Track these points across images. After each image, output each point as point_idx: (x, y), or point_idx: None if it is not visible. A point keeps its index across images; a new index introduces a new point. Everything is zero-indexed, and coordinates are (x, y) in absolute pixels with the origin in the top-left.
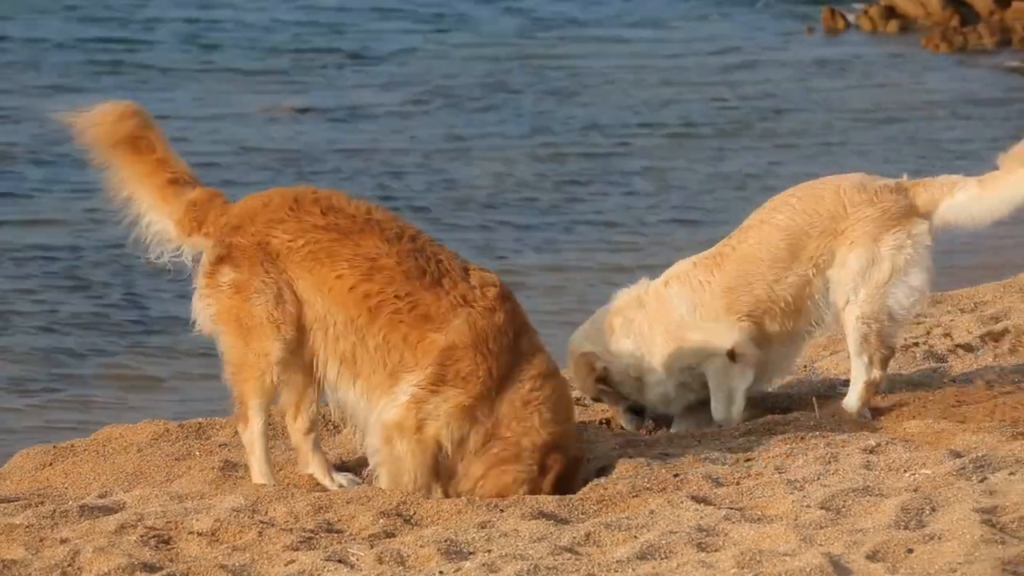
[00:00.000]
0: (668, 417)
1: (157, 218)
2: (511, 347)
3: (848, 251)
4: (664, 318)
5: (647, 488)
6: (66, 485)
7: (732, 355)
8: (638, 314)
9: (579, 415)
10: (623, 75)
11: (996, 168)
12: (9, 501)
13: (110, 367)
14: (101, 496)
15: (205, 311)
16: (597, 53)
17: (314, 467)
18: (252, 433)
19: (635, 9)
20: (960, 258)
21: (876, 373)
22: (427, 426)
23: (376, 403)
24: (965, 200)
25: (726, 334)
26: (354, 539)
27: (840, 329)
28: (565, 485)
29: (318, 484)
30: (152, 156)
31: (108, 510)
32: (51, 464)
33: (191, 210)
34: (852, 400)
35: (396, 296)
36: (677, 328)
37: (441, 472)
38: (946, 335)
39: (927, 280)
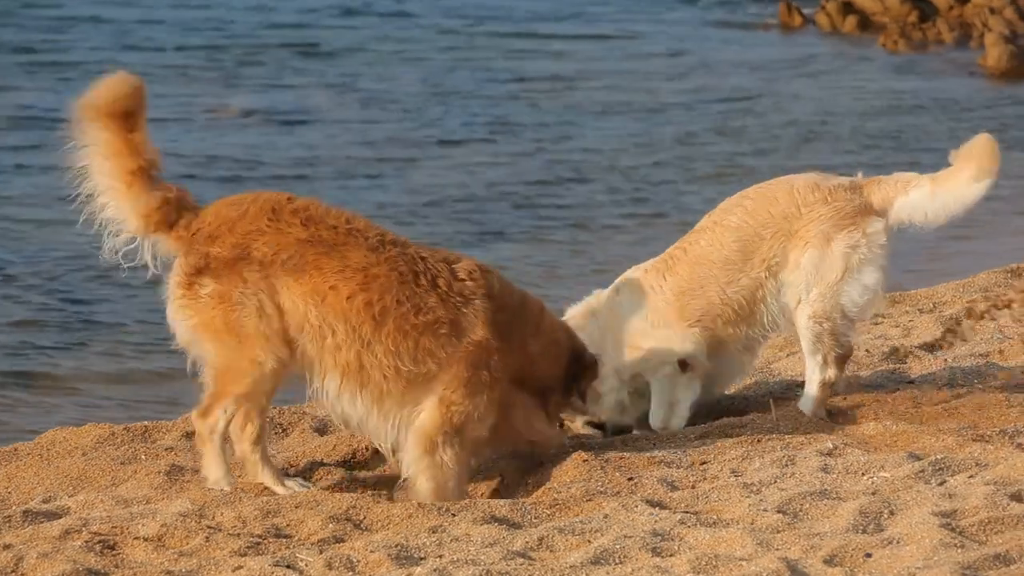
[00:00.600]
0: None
1: (118, 204)
2: (518, 313)
3: (801, 252)
4: (615, 326)
5: (601, 492)
6: (9, 490)
7: (683, 365)
8: (589, 323)
9: None
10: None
11: (949, 165)
12: None
13: (43, 367)
14: (45, 501)
15: (185, 322)
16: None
17: (265, 476)
18: (210, 426)
19: (576, 8)
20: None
21: (831, 373)
22: (467, 428)
23: (391, 411)
24: (919, 198)
25: (678, 343)
26: (303, 544)
27: (794, 330)
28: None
29: (267, 489)
30: (132, 137)
31: (52, 515)
32: None
33: (161, 208)
34: (808, 401)
35: (398, 302)
36: (628, 335)
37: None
38: (905, 336)
39: (881, 279)
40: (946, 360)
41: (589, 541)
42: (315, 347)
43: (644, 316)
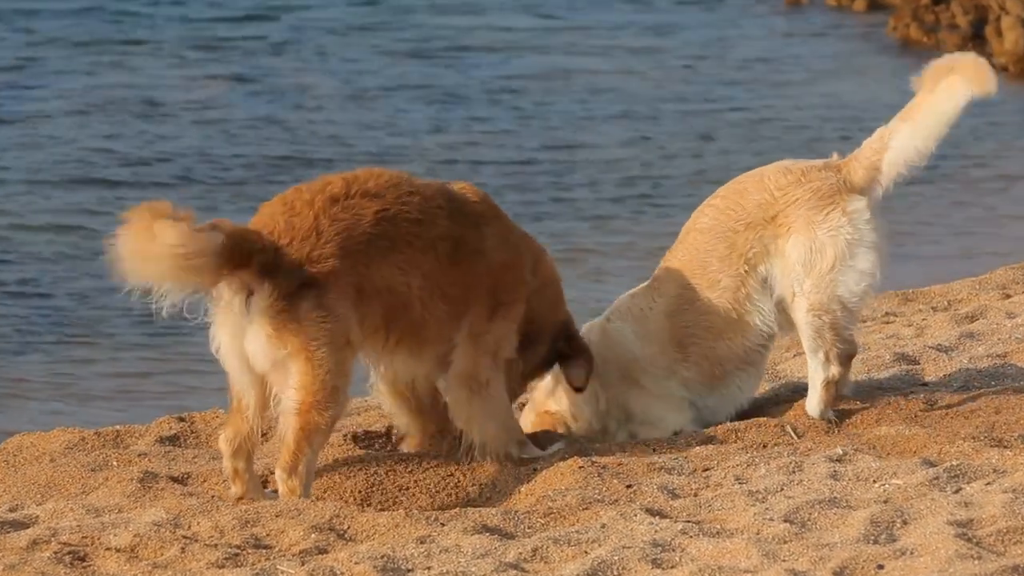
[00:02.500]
0: None
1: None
2: (524, 240)
3: (784, 240)
4: (617, 356)
5: (598, 500)
6: None
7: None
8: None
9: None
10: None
11: (912, 97)
12: None
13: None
14: (11, 510)
15: (280, 350)
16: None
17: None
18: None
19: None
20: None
21: (834, 370)
22: (500, 354)
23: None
24: (902, 142)
25: (672, 416)
26: (284, 555)
27: (791, 328)
28: None
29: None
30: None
31: (19, 525)
32: None
33: (222, 255)
34: (813, 402)
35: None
36: (625, 366)
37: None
38: (918, 335)
39: (876, 260)
40: (962, 361)
41: (586, 552)
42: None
43: (639, 344)
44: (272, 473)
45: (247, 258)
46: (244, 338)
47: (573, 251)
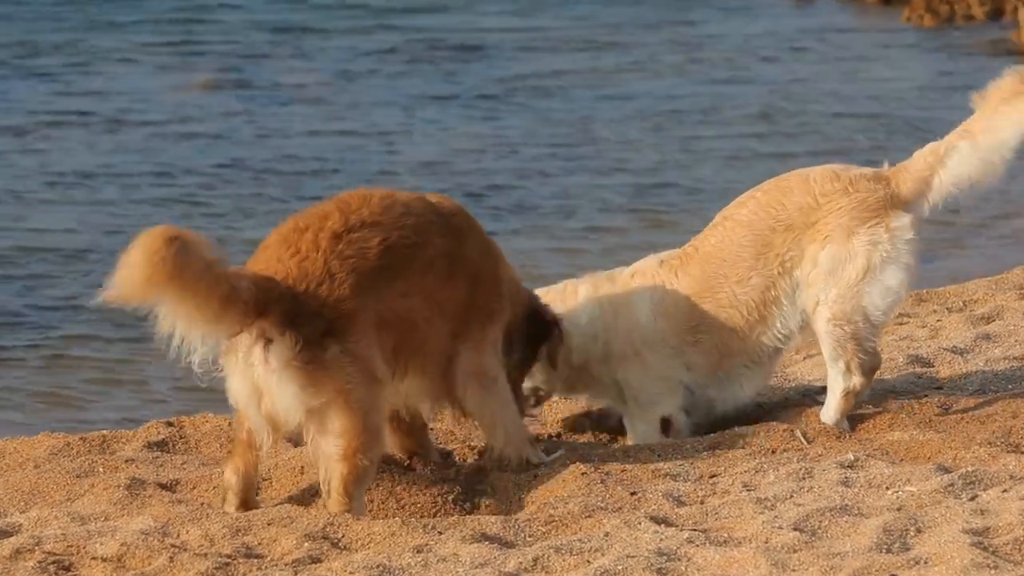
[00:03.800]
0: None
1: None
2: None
3: (819, 248)
4: (626, 323)
5: (601, 507)
6: None
7: (665, 423)
8: (599, 304)
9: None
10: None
11: (973, 113)
12: None
13: None
14: None
15: (315, 398)
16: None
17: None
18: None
19: None
20: (948, 253)
21: (856, 381)
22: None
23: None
24: (960, 161)
25: (666, 400)
26: (276, 565)
27: (812, 335)
28: None
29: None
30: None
31: (2, 533)
32: None
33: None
34: (830, 411)
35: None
36: (631, 335)
37: None
38: (933, 337)
39: (905, 279)
40: (978, 363)
41: (588, 561)
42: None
43: (653, 318)
44: (264, 480)
45: (268, 307)
46: (269, 389)
47: None
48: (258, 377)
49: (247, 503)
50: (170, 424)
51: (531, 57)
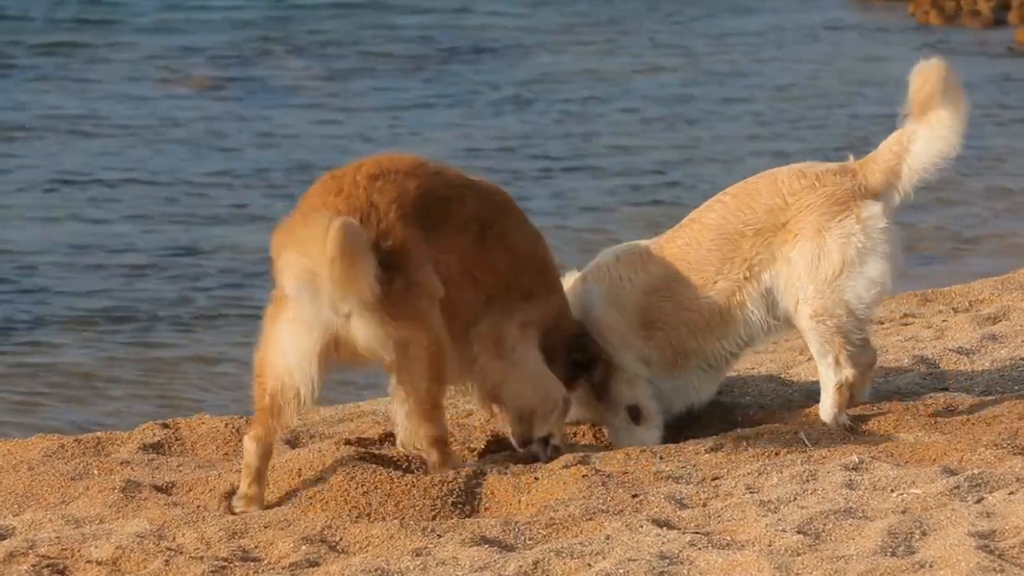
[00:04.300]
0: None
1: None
2: None
3: (792, 247)
4: (582, 308)
5: (602, 510)
6: None
7: (633, 411)
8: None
9: None
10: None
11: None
12: None
13: None
14: None
15: (396, 332)
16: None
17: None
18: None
19: None
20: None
21: (847, 373)
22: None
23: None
24: (922, 146)
25: (627, 390)
26: (272, 569)
27: (791, 336)
28: None
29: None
30: None
31: None
32: None
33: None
34: (826, 407)
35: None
36: (592, 331)
37: None
38: (938, 337)
39: (887, 269)
40: (983, 364)
41: (589, 565)
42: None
43: (603, 309)
44: None
45: None
46: (348, 334)
47: None
48: (330, 323)
49: (261, 474)
50: (166, 426)
51: (531, 57)
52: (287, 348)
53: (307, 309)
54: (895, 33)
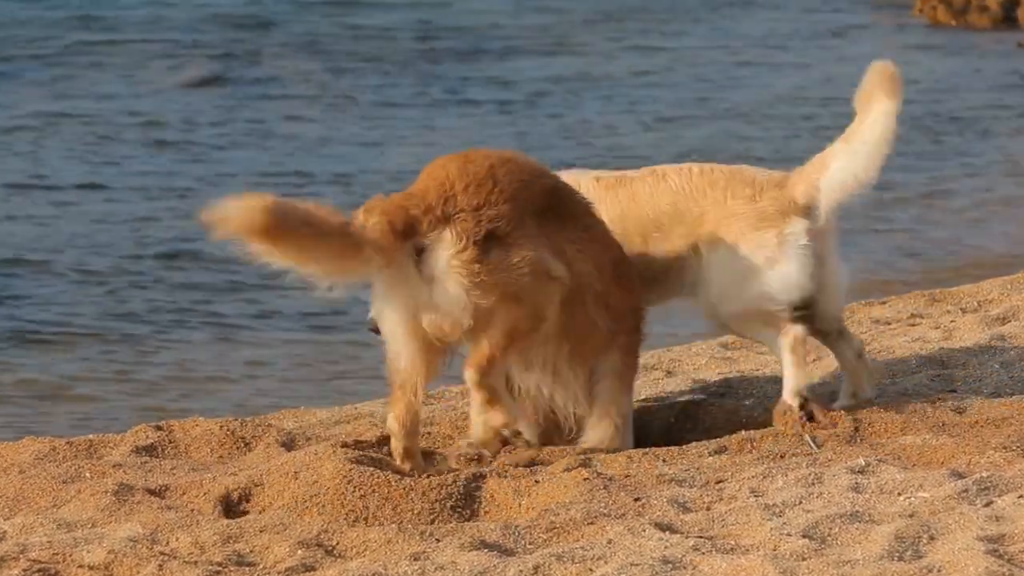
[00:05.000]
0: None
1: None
2: None
3: (711, 250)
4: None
5: (604, 514)
6: None
7: None
8: None
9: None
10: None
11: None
12: None
13: None
14: None
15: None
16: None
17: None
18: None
19: None
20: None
21: (795, 329)
22: None
23: None
24: (841, 167)
25: None
26: (268, 573)
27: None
28: None
29: (228, 512)
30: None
31: None
32: None
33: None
34: (789, 381)
35: None
36: None
37: None
38: (946, 338)
39: (797, 283)
40: (992, 365)
41: (591, 569)
42: None
43: None
44: (255, 485)
45: (411, 225)
46: (432, 299)
47: None
48: (413, 290)
49: (410, 451)
50: (159, 428)
51: (530, 56)
52: (390, 324)
53: (384, 281)
54: (903, 30)
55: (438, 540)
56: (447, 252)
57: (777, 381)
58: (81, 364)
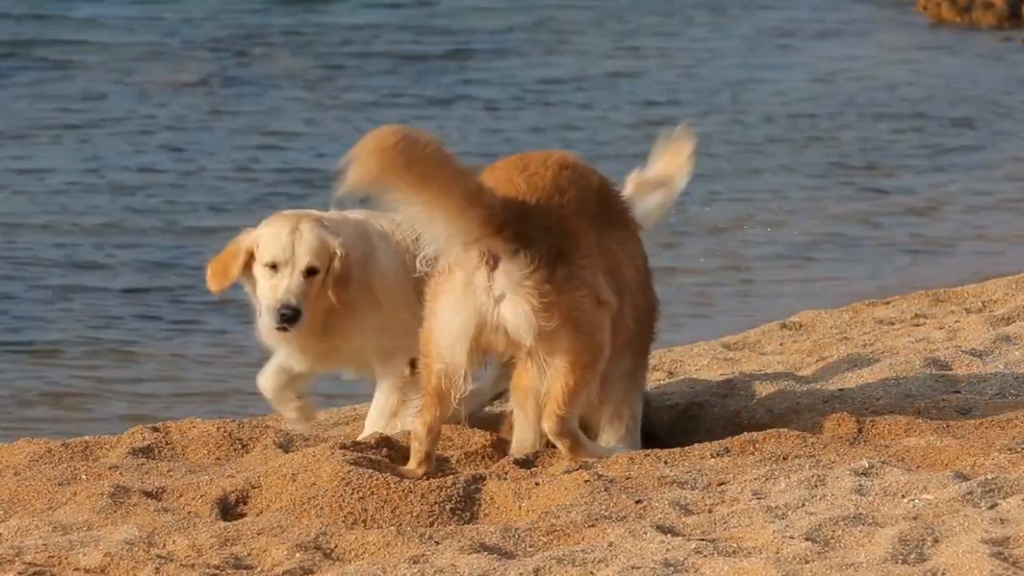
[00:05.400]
0: None
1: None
2: None
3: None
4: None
5: (605, 516)
6: None
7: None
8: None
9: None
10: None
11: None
12: None
13: None
14: None
15: (548, 320)
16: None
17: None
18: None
19: None
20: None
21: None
22: None
23: None
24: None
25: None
26: None
27: None
28: None
29: (226, 515)
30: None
31: None
32: None
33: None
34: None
35: None
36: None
37: None
38: (950, 338)
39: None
40: (997, 366)
41: (592, 572)
42: None
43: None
44: (252, 487)
45: (504, 223)
46: (498, 314)
47: None
48: (481, 304)
49: (430, 456)
50: (156, 429)
51: (530, 54)
52: (445, 327)
53: (458, 282)
54: (905, 28)
55: (437, 543)
56: (520, 272)
57: (779, 382)
58: (70, 371)
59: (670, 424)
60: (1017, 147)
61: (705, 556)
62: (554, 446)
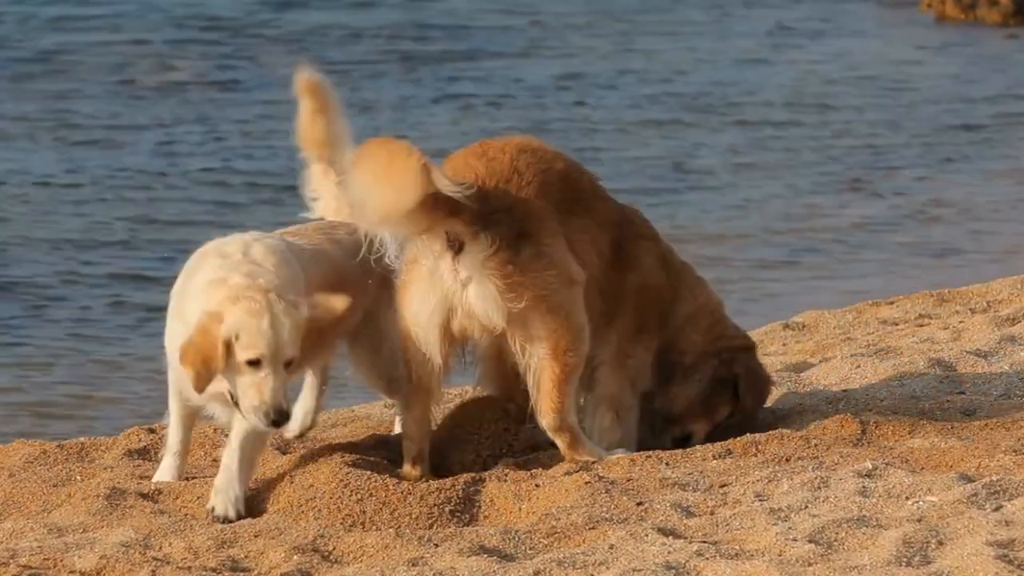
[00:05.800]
0: None
1: None
2: None
3: None
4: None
5: (606, 518)
6: None
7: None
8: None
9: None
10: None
11: None
12: None
13: None
14: None
15: (512, 300)
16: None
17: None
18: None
19: None
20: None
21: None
22: None
23: None
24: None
25: None
26: None
27: None
28: None
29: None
30: None
31: None
32: None
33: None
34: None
35: None
36: None
37: None
38: (955, 339)
39: None
40: (1002, 367)
41: (592, 575)
42: None
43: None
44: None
45: (461, 206)
46: (464, 299)
47: None
48: (448, 289)
49: (423, 455)
50: (151, 431)
51: (530, 54)
52: (415, 317)
53: (424, 271)
54: (908, 28)
55: (436, 545)
56: (483, 254)
57: (782, 383)
58: (64, 376)
59: None
60: (1022, 148)
61: (707, 558)
62: (554, 445)
